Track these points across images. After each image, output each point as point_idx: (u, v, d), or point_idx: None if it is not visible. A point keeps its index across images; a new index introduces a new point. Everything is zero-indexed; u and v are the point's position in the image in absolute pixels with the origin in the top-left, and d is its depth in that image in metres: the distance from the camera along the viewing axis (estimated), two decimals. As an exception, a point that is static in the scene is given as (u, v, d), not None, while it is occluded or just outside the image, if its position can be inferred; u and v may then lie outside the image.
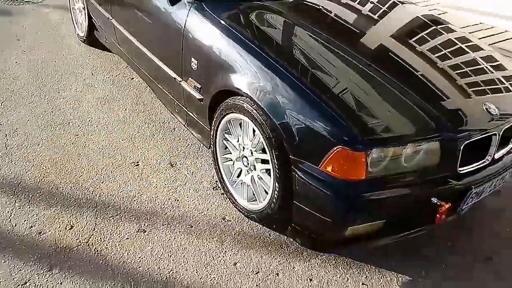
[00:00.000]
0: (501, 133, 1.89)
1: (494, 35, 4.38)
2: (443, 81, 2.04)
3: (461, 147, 1.76)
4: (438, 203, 1.74)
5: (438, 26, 2.63)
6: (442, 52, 2.31)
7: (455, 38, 2.54)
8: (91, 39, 3.93)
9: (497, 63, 2.37)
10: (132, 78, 3.47)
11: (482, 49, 2.52)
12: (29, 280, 1.79)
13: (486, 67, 2.28)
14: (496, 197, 2.45)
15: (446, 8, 5.06)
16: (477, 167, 1.87)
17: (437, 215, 1.75)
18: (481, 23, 4.69)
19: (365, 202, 1.69)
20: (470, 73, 2.17)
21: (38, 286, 1.77)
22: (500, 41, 4.22)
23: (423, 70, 2.10)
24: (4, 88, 3.20)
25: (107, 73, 3.54)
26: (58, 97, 3.15)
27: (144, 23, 2.72)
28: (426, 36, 2.48)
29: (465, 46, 2.45)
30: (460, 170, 1.82)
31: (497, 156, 1.96)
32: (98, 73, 3.53)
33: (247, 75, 1.94)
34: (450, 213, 1.91)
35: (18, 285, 1.77)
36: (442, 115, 1.80)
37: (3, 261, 1.86)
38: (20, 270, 1.83)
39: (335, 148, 1.63)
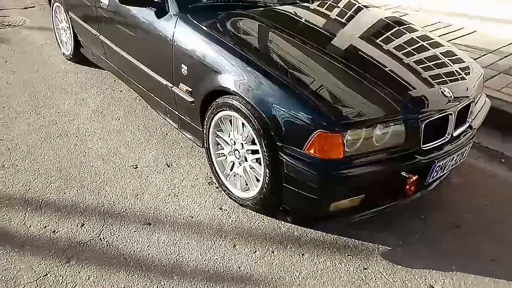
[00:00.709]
0: (456, 113, 2.19)
1: (450, 32, 4.78)
2: (405, 73, 2.34)
3: (422, 126, 2.05)
4: (407, 176, 2.02)
5: (401, 27, 2.95)
6: (405, 49, 2.60)
7: (417, 36, 2.85)
8: (77, 57, 4.13)
9: (456, 57, 2.68)
10: (121, 91, 3.69)
11: (442, 45, 2.84)
12: (49, 272, 1.98)
13: (446, 61, 2.58)
14: (461, 175, 2.77)
15: (407, 10, 5.45)
16: (438, 143, 2.16)
17: (407, 186, 2.03)
18: (439, 22, 5.08)
19: (344, 178, 1.95)
20: (430, 66, 2.46)
21: (58, 276, 1.96)
22: (457, 38, 4.61)
23: (387, 64, 2.39)
24: (0, 107, 3.37)
25: (96, 88, 3.74)
26: (53, 111, 3.34)
27: (133, 36, 2.95)
28: (391, 36, 2.79)
29: (426, 43, 2.76)
30: (424, 147, 2.10)
31: (456, 134, 2.26)
32: (88, 88, 3.73)
33: (233, 75, 2.19)
34: (420, 187, 2.21)
35: (40, 277, 1.95)
36: (404, 100, 2.08)
37: (23, 257, 2.04)
38: (40, 264, 2.02)
39: (316, 132, 1.90)
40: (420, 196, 2.33)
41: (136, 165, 2.74)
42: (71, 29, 3.97)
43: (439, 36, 4.39)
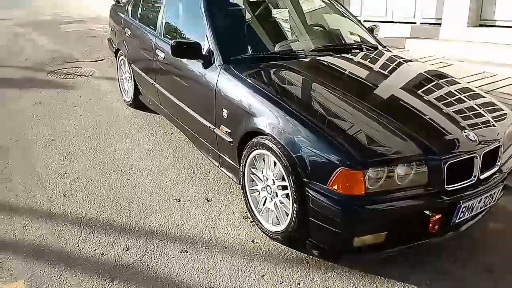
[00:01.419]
0: (481, 156, 2.25)
1: (496, 82, 4.78)
2: (430, 117, 2.44)
3: (445, 167, 2.13)
4: (430, 214, 2.09)
5: (441, 80, 3.05)
6: (438, 98, 2.71)
7: (456, 89, 2.92)
8: (136, 103, 4.60)
9: (492, 107, 2.74)
10: (172, 133, 4.04)
11: (483, 97, 2.91)
12: (95, 289, 2.21)
13: (477, 108, 2.66)
14: (498, 219, 2.75)
15: (451, 61, 5.53)
16: (463, 185, 2.22)
17: (430, 225, 2.09)
18: (484, 71, 5.10)
19: (366, 213, 2.06)
20: (459, 112, 2.55)
21: (103, 293, 2.18)
22: (502, 87, 4.60)
23: (415, 110, 2.53)
24: (67, 145, 3.83)
25: (150, 130, 4.13)
26: (112, 150, 3.73)
27: (182, 84, 3.31)
28: (431, 87, 2.89)
29: (463, 94, 2.83)
30: (448, 187, 2.17)
31: (483, 176, 2.30)
32: (143, 130, 4.13)
33: (268, 118, 2.42)
34: (447, 227, 2.25)
35: (87, 293, 2.19)
36: (427, 142, 2.18)
37: (74, 275, 2.29)
38: (88, 282, 2.25)
39: (339, 169, 2.04)
40: (451, 237, 2.35)
41: (179, 199, 2.99)
42: (132, 78, 4.47)
43: (483, 85, 4.45)
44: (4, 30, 9.77)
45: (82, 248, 2.50)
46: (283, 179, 2.35)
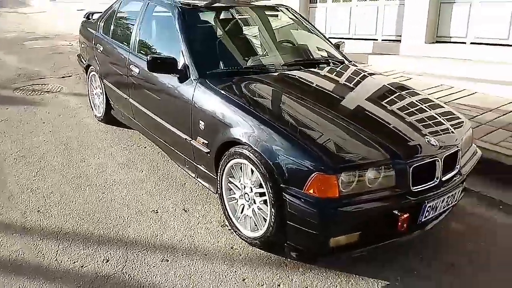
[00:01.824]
0: (442, 160, 2.44)
1: (453, 93, 5.12)
2: (395, 125, 2.64)
3: (410, 171, 2.30)
4: (399, 214, 2.25)
5: (403, 92, 3.27)
6: (400, 108, 2.92)
7: (417, 100, 3.14)
8: (108, 118, 4.60)
9: (450, 116, 2.97)
10: (145, 147, 4.07)
11: (442, 107, 3.14)
12: (77, 301, 2.21)
13: (436, 116, 2.88)
14: (458, 220, 2.96)
15: (411, 75, 5.86)
16: (427, 186, 2.40)
17: (399, 223, 2.25)
18: (442, 84, 5.45)
19: (340, 215, 2.19)
20: (420, 120, 2.75)
21: (85, 304, 2.19)
22: (459, 98, 4.94)
23: (381, 118, 2.71)
24: (37, 161, 3.78)
25: (123, 144, 4.14)
26: (84, 165, 3.71)
27: (158, 99, 3.38)
28: (394, 99, 3.10)
29: (426, 105, 3.05)
30: (414, 189, 2.34)
31: (445, 178, 2.49)
32: (116, 145, 4.13)
33: (244, 128, 2.53)
34: (414, 226, 2.41)
35: (69, 305, 2.18)
36: (393, 147, 2.35)
37: (54, 289, 2.29)
38: (69, 294, 2.25)
39: (313, 175, 2.17)
40: (418, 235, 2.51)
41: (156, 210, 3.03)
42: (104, 94, 4.48)
43: (441, 97, 4.75)
44: (-37, 47, 9.48)
45: (61, 261, 2.49)
46: (261, 186, 2.45)
